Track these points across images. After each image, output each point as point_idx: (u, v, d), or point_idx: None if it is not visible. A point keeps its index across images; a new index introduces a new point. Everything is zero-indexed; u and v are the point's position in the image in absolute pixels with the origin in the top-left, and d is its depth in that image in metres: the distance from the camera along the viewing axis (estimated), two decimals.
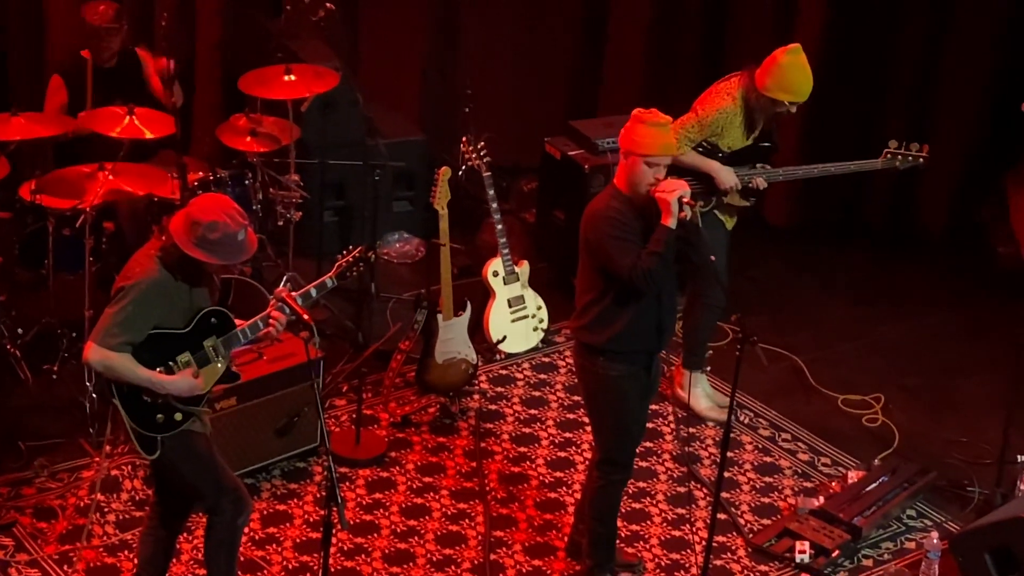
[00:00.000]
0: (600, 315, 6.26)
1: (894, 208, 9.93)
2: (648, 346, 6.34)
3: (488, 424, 7.80)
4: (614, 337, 6.24)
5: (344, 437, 7.52)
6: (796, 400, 8.21)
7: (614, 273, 6.14)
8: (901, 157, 7.58)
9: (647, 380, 6.42)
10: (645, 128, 6.13)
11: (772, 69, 7.31)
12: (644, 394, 6.46)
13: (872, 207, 9.94)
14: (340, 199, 9.10)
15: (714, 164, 7.43)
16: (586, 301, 6.31)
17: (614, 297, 6.22)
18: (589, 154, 8.71)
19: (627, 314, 6.22)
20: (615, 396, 6.35)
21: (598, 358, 6.30)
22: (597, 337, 6.27)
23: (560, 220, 8.86)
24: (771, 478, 7.59)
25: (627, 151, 6.16)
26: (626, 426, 6.44)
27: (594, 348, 6.30)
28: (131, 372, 5.70)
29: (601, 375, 6.32)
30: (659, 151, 6.12)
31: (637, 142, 6.13)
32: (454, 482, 7.35)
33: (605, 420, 6.46)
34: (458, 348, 7.83)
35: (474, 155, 8.08)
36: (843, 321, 9.00)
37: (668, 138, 6.17)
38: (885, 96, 9.76)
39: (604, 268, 6.18)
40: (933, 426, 8.08)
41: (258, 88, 8.16)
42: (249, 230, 5.78)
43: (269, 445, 7.22)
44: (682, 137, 7.33)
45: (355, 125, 8.69)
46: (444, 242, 7.76)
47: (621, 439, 6.47)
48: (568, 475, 7.46)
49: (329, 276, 6.07)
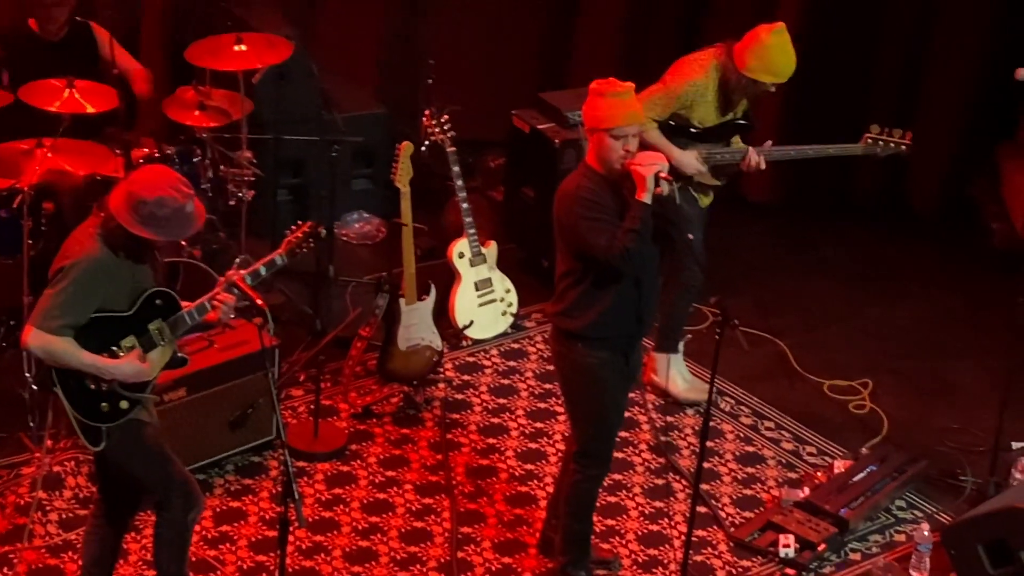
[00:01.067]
0: (578, 300, 6.26)
1: (883, 183, 9.95)
2: (628, 332, 6.35)
3: (454, 414, 7.79)
4: (593, 323, 6.24)
5: (301, 429, 7.49)
6: (780, 386, 8.23)
7: (590, 255, 6.14)
8: (883, 143, 7.58)
9: (627, 367, 6.42)
10: (605, 100, 6.13)
11: (755, 49, 7.30)
12: (624, 383, 6.46)
13: (860, 183, 9.96)
14: (295, 177, 9.06)
15: (674, 150, 7.39)
16: (563, 286, 6.31)
17: (592, 281, 6.22)
18: (560, 127, 8.69)
19: (606, 298, 6.22)
20: (594, 385, 6.35)
21: (576, 344, 6.30)
22: (575, 323, 6.28)
23: (529, 198, 8.85)
24: (754, 468, 7.60)
25: (591, 127, 6.17)
26: (605, 417, 6.45)
27: (572, 334, 6.30)
28: (74, 357, 5.68)
29: (579, 362, 6.32)
30: (623, 120, 6.11)
31: (599, 116, 6.13)
32: (419, 476, 7.34)
33: (583, 410, 6.46)
34: (422, 334, 7.81)
35: (437, 129, 8.05)
36: (829, 302, 9.02)
37: (631, 106, 6.16)
38: (871, 68, 9.78)
39: (580, 251, 6.18)
40: (924, 412, 8.10)
41: (207, 59, 8.10)
42: (196, 200, 5.75)
43: (222, 438, 7.19)
44: (647, 109, 7.29)
45: (311, 98, 8.65)
46: (406, 222, 7.74)
47: (600, 431, 6.47)
48: (539, 467, 7.45)
49: (278, 253, 6.04)
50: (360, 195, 9.32)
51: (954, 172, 9.89)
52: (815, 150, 7.66)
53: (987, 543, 6.63)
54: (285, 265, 6.08)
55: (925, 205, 9.96)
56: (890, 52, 9.77)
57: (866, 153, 7.62)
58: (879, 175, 9.89)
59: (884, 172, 9.84)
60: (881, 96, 9.78)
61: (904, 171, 9.81)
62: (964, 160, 9.89)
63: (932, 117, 9.74)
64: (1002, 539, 6.60)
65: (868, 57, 9.78)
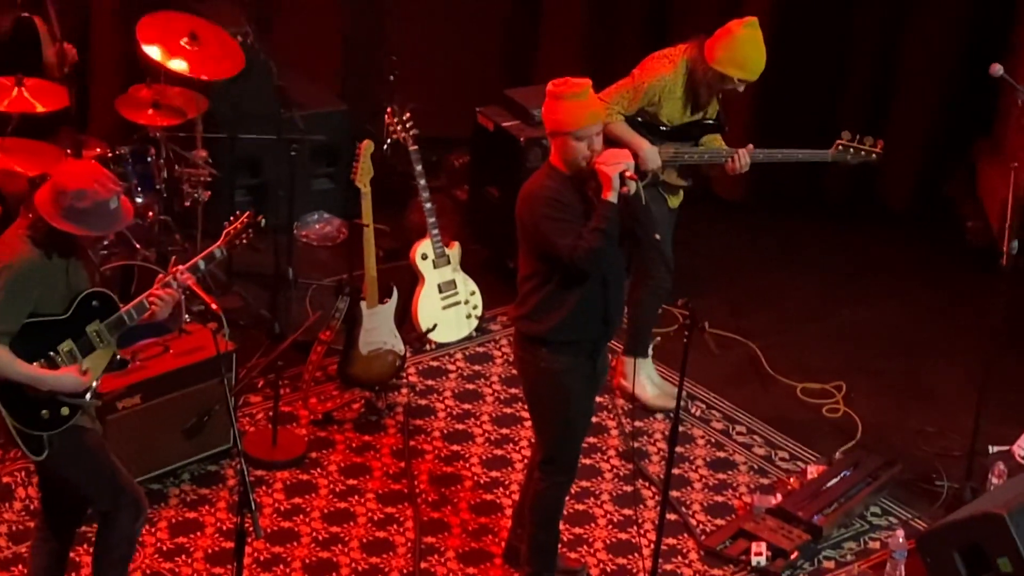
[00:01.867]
0: (542, 303, 6.25)
1: (857, 180, 9.97)
2: (594, 335, 6.34)
3: (417, 420, 7.78)
4: (557, 326, 6.24)
5: (260, 437, 7.47)
6: (751, 390, 8.24)
7: (555, 256, 6.13)
8: (853, 151, 7.58)
9: (593, 372, 6.42)
10: (563, 103, 6.12)
11: (725, 41, 7.31)
12: (590, 388, 6.46)
13: (832, 179, 9.97)
14: (253, 177, 9.04)
15: (642, 142, 7.40)
16: (527, 288, 6.30)
17: (557, 283, 6.22)
18: (525, 125, 8.69)
19: (571, 301, 6.21)
20: (559, 390, 6.35)
21: (540, 349, 6.29)
22: (539, 327, 6.27)
23: (494, 197, 8.84)
24: (725, 475, 7.61)
25: (552, 131, 6.17)
26: (571, 423, 6.44)
27: (536, 339, 6.30)
28: (10, 367, 5.63)
29: (544, 368, 6.32)
30: (585, 122, 6.10)
31: (559, 120, 6.12)
32: (381, 484, 7.33)
33: (548, 417, 6.45)
34: (384, 338, 7.80)
35: (399, 127, 8.04)
36: (801, 302, 9.04)
37: (591, 106, 6.15)
38: (842, 63, 9.80)
39: (544, 252, 6.17)
40: (899, 416, 8.12)
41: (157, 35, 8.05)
42: (123, 197, 5.71)
43: (177, 447, 7.17)
44: (614, 103, 7.31)
45: (269, 95, 8.63)
46: (368, 223, 7.73)
47: (565, 437, 6.47)
48: (505, 475, 7.45)
49: (217, 245, 5.99)
50: (320, 195, 9.29)
51: (929, 169, 9.92)
52: (784, 154, 7.66)
53: (963, 550, 6.65)
54: (225, 258, 6.02)
55: (899, 202, 9.99)
56: (862, 47, 9.79)
57: (836, 160, 7.62)
58: (853, 172, 9.90)
59: (858, 170, 9.85)
60: (854, 92, 9.81)
61: (878, 168, 9.83)
62: (939, 157, 9.93)
63: (906, 113, 9.77)
64: (979, 546, 6.62)
65: (839, 52, 9.80)
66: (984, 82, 7.84)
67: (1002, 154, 9.38)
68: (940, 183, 9.96)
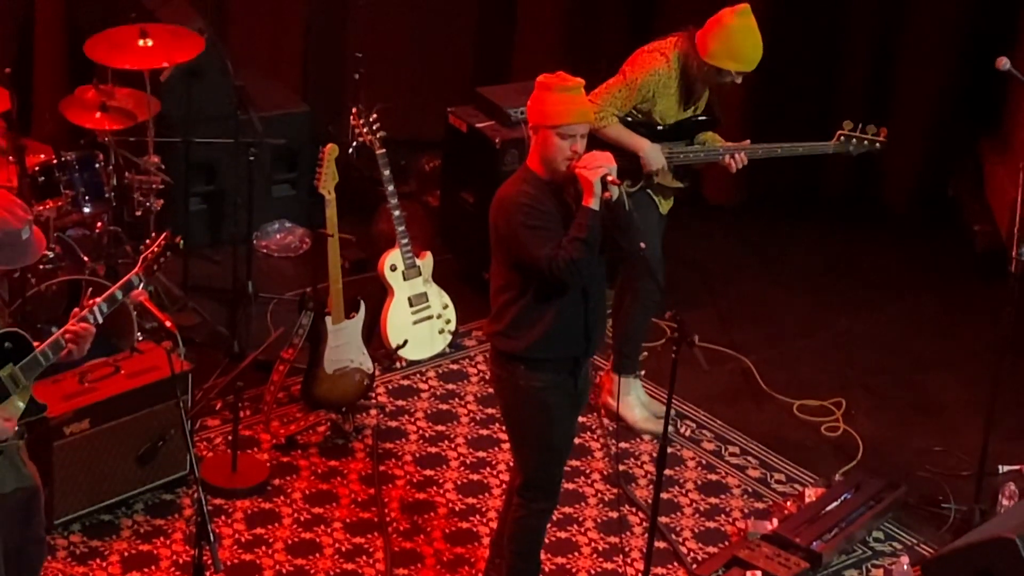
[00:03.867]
0: (518, 317, 6.24)
1: (855, 181, 10.00)
2: (575, 351, 6.34)
3: (388, 444, 7.77)
4: (536, 342, 6.23)
5: (218, 463, 7.46)
6: (745, 407, 8.24)
7: (532, 267, 6.13)
8: (856, 140, 7.61)
9: (575, 390, 6.41)
10: (553, 95, 6.12)
11: (717, 32, 7.32)
12: (572, 407, 6.45)
13: (829, 181, 10.00)
14: (209, 183, 9.03)
15: (642, 142, 7.42)
16: (501, 302, 6.29)
17: (534, 296, 6.20)
18: (501, 125, 8.69)
19: (549, 315, 6.20)
20: (538, 410, 6.34)
21: (517, 367, 6.28)
22: (516, 343, 6.26)
23: (468, 204, 8.84)
24: (717, 499, 7.61)
25: (535, 124, 6.16)
26: (551, 445, 6.43)
27: (513, 356, 6.28)
28: None
29: (521, 386, 6.31)
30: (572, 119, 6.11)
31: (545, 112, 6.12)
32: (349, 513, 7.31)
33: (527, 439, 6.44)
34: (351, 356, 7.79)
35: (366, 129, 8.04)
36: (797, 313, 9.05)
37: (580, 103, 6.16)
38: (840, 58, 9.83)
39: (519, 262, 6.16)
40: (902, 434, 8.13)
41: (109, 55, 8.05)
42: (35, 228, 5.65)
43: (130, 475, 7.15)
44: (607, 104, 7.33)
45: (225, 96, 8.61)
46: (332, 232, 7.72)
47: (546, 460, 6.46)
48: (482, 501, 7.44)
49: (134, 273, 5.91)
50: (281, 203, 9.28)
51: (932, 169, 9.95)
52: (784, 149, 7.69)
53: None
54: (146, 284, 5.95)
55: (901, 205, 10.00)
56: (860, 39, 9.81)
57: (838, 151, 7.66)
58: (850, 172, 9.94)
59: (855, 169, 9.88)
60: (851, 87, 9.83)
61: (878, 168, 9.86)
62: (943, 156, 9.95)
63: (907, 109, 9.79)
64: (989, 572, 6.63)
65: (836, 45, 9.82)
66: (990, 76, 7.85)
67: (1010, 153, 9.41)
68: (944, 183, 9.98)
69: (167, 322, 5.85)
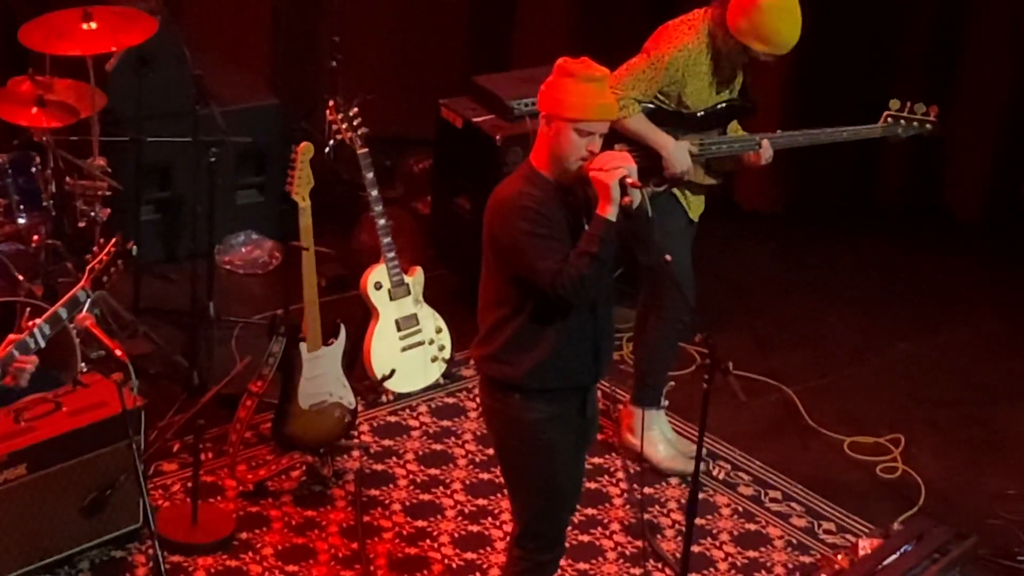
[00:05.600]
0: (513, 339, 6.21)
1: (913, 183, 10.02)
2: (580, 378, 6.31)
3: (373, 491, 7.79)
4: (534, 368, 6.20)
5: (176, 514, 7.47)
6: (788, 445, 8.27)
7: (532, 282, 6.11)
8: (904, 122, 7.66)
9: (581, 422, 6.40)
10: (574, 84, 6.10)
11: (747, 8, 7.34)
12: (578, 442, 6.44)
13: (883, 183, 10.03)
14: (163, 189, 9.07)
15: (666, 139, 7.43)
16: (493, 321, 6.27)
17: (532, 313, 6.17)
18: (501, 120, 8.72)
19: (550, 336, 6.18)
20: (538, 446, 6.32)
21: (512, 396, 6.26)
22: (510, 369, 6.24)
23: (464, 211, 8.87)
24: (756, 552, 7.63)
25: (550, 114, 6.13)
26: (554, 487, 6.42)
27: (506, 384, 6.26)
28: None
29: (517, 419, 6.28)
30: (595, 114, 6.10)
31: (564, 102, 6.10)
32: (328, 571, 7.33)
33: (525, 480, 6.43)
34: (329, 388, 7.81)
35: (345, 125, 8.06)
36: (847, 337, 9.08)
37: (605, 97, 6.14)
38: (895, 38, 9.85)
39: (519, 274, 6.16)
40: (970, 475, 8.16)
41: (47, 41, 8.09)
42: None
43: (74, 528, 7.16)
44: (629, 88, 7.33)
45: (181, 88, 8.64)
46: (307, 245, 7.73)
47: (548, 505, 6.45)
48: (483, 556, 7.46)
49: (81, 287, 5.92)
50: (247, 211, 9.32)
51: (1004, 171, 9.96)
52: (828, 134, 7.72)
53: None
54: (95, 300, 5.96)
55: (967, 211, 10.03)
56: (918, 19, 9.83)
57: (887, 135, 7.73)
58: (909, 174, 9.96)
59: (915, 170, 9.90)
60: (907, 72, 9.84)
61: (939, 167, 9.89)
62: (1017, 154, 9.97)
63: (973, 99, 9.81)
64: None
65: (891, 24, 9.84)
66: None
67: None
68: (1017, 185, 10.00)
69: (117, 350, 5.86)
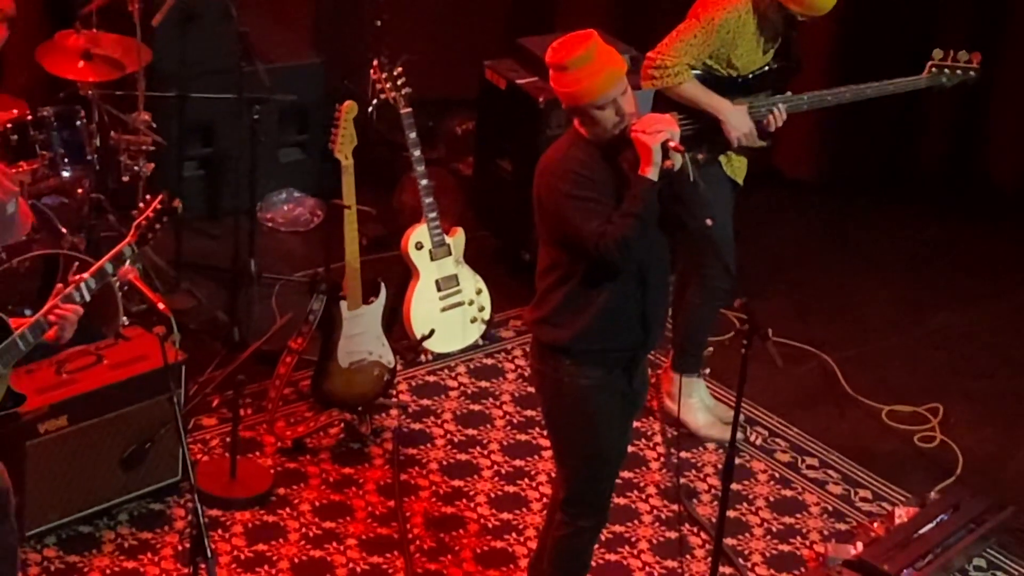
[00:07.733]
0: (564, 303, 6.25)
1: (954, 151, 9.98)
2: (630, 343, 6.34)
3: (410, 449, 7.81)
4: (583, 332, 6.23)
5: (215, 469, 7.51)
6: (825, 413, 8.27)
7: (577, 244, 6.13)
8: (948, 71, 7.65)
9: (629, 390, 6.42)
10: (569, 74, 6.10)
11: None
12: (625, 410, 6.46)
13: (925, 151, 9.99)
14: (206, 146, 9.09)
15: (722, 103, 7.41)
16: (546, 285, 6.30)
17: (582, 278, 6.21)
18: (545, 82, 8.67)
19: (600, 301, 6.21)
20: (586, 412, 6.35)
21: (562, 361, 6.29)
22: (561, 333, 6.27)
23: (506, 172, 8.88)
24: (792, 518, 7.64)
25: (569, 107, 6.17)
26: (600, 454, 6.45)
27: (557, 348, 6.29)
28: None
29: (567, 384, 6.32)
30: (603, 88, 6.07)
31: (571, 93, 6.12)
32: (365, 528, 7.36)
33: (572, 445, 6.46)
34: (369, 347, 7.83)
35: (388, 85, 8.06)
36: (887, 306, 9.07)
37: (605, 64, 6.08)
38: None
39: (565, 239, 6.18)
40: (1009, 446, 8.15)
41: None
42: (21, 200, 5.69)
43: (113, 480, 7.19)
44: (681, 53, 7.31)
45: (226, 45, 8.65)
46: (349, 203, 7.75)
47: (594, 471, 6.47)
48: (519, 517, 7.48)
49: (128, 242, 5.92)
50: (290, 168, 9.33)
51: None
52: (875, 88, 7.70)
53: None
54: (139, 256, 5.96)
55: (1011, 181, 9.99)
56: None
57: (931, 84, 7.73)
58: (951, 142, 9.92)
59: (957, 138, 9.86)
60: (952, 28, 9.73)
61: (982, 135, 9.85)
62: None
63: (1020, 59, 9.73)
64: None
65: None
66: None
67: None
68: None
69: (160, 304, 5.88)
